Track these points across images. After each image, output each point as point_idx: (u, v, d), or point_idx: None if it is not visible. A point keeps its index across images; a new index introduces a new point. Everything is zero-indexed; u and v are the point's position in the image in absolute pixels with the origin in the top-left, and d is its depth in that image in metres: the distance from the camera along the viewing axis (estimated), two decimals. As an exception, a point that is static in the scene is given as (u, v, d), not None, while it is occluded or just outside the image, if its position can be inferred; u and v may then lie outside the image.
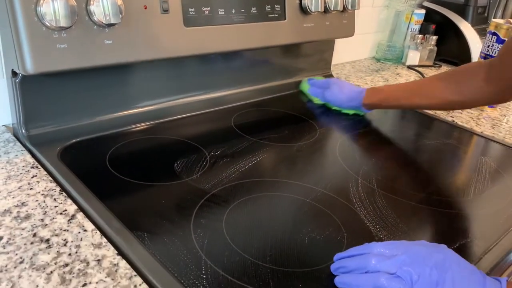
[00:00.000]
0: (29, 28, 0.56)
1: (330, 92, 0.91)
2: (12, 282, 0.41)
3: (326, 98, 0.93)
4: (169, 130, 0.76)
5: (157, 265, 0.45)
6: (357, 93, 0.88)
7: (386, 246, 0.45)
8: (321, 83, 0.95)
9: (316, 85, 0.96)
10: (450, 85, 0.77)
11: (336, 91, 0.90)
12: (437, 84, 0.79)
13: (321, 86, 0.95)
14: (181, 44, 0.71)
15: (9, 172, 0.59)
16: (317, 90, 0.95)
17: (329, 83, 0.93)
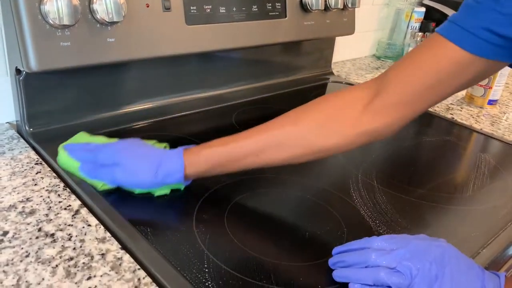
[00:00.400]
0: (33, 26, 0.56)
1: (120, 170, 0.54)
2: (18, 275, 0.42)
3: (118, 181, 0.55)
4: (171, 128, 0.77)
5: (160, 259, 0.46)
6: (172, 161, 0.54)
7: (386, 240, 0.45)
8: (97, 157, 0.56)
9: (87, 161, 0.57)
10: (316, 125, 0.54)
11: (131, 167, 0.54)
12: (297, 126, 0.54)
13: (97, 162, 0.56)
14: (183, 42, 0.72)
15: (14, 168, 0.59)
16: (95, 169, 0.56)
17: (109, 154, 0.56)
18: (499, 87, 1.03)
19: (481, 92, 1.04)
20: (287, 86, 1.03)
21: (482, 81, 1.03)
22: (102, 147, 0.58)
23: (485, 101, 1.04)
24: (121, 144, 0.58)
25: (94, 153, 0.57)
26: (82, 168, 0.57)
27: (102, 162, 0.56)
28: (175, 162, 0.54)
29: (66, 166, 0.58)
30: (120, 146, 0.58)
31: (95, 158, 0.56)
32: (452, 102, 1.06)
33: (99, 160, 0.56)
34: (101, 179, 0.55)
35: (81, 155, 0.58)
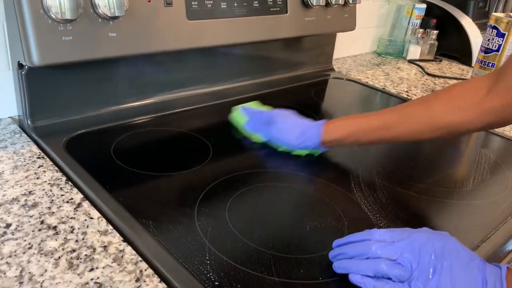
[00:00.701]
0: (35, 21, 0.57)
1: (275, 128, 0.69)
2: (21, 267, 0.42)
3: (271, 136, 0.70)
4: (173, 123, 0.77)
5: (162, 251, 0.46)
6: (312, 129, 0.67)
7: (387, 232, 0.46)
8: (262, 117, 0.72)
9: (254, 118, 0.73)
10: (443, 104, 0.60)
11: (284, 128, 0.69)
12: (425, 105, 0.62)
13: (261, 120, 0.72)
14: (184, 37, 0.72)
15: (16, 162, 0.60)
16: (257, 125, 0.72)
17: (271, 116, 0.71)
18: (499, 83, 1.03)
19: (481, 88, 1.04)
20: (288, 82, 1.03)
21: (483, 77, 1.03)
22: (267, 111, 0.74)
23: (485, 97, 1.04)
24: (280, 110, 0.73)
25: (260, 113, 0.73)
26: (248, 123, 0.73)
27: (265, 120, 0.71)
28: (315, 129, 0.66)
29: (235, 120, 0.75)
30: (279, 111, 0.73)
31: (260, 117, 0.72)
32: (452, 98, 1.06)
33: (263, 118, 0.71)
34: (259, 132, 0.71)
35: (250, 113, 0.74)
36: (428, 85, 1.14)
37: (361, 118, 0.65)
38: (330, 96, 1.02)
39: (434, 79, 1.20)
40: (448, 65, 1.35)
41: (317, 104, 0.95)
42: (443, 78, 1.21)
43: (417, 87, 1.11)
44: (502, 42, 0.98)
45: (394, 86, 1.10)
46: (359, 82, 1.11)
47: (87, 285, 0.41)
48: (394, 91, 1.07)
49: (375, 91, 1.07)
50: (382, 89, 1.07)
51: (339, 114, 0.91)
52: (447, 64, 1.37)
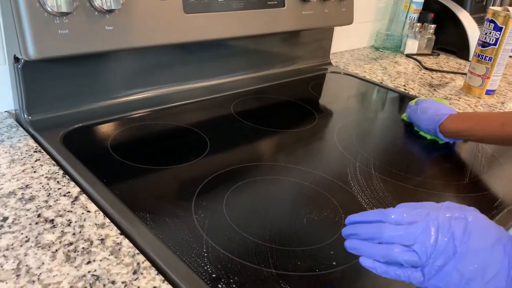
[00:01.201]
0: (31, 14, 0.56)
1: (414, 112, 0.82)
2: (18, 260, 0.42)
3: (411, 117, 0.83)
4: (170, 117, 0.77)
5: (159, 244, 0.46)
6: (436, 116, 0.76)
7: (403, 212, 0.42)
8: (417, 103, 0.84)
9: (412, 105, 0.86)
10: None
11: (419, 111, 0.81)
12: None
13: (414, 105, 0.85)
14: (181, 30, 0.72)
15: (13, 156, 0.60)
16: (409, 109, 0.85)
17: (418, 102, 0.84)
18: (497, 77, 1.03)
19: (479, 82, 1.04)
20: (285, 76, 1.03)
21: (480, 71, 1.03)
22: (419, 99, 0.84)
23: (482, 91, 1.04)
24: (427, 100, 0.82)
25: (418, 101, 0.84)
26: (407, 108, 0.86)
27: (414, 106, 0.83)
28: (439, 116, 0.75)
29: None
30: (426, 100, 0.82)
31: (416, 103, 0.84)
32: (450, 93, 1.06)
33: (414, 104, 0.85)
34: (407, 114, 0.85)
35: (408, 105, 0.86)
36: (426, 79, 1.14)
37: (486, 116, 0.73)
38: (328, 90, 1.02)
39: (431, 73, 1.20)
40: (445, 59, 1.35)
41: (315, 98, 0.95)
42: (440, 72, 1.21)
43: (415, 81, 1.11)
44: (499, 36, 0.97)
45: (391, 80, 1.10)
46: (356, 76, 1.11)
47: (84, 277, 0.41)
48: (392, 85, 1.07)
49: (372, 85, 1.07)
50: (380, 83, 1.07)
51: (337, 108, 0.91)
52: (445, 58, 1.37)
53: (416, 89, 1.06)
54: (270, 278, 0.44)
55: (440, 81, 1.14)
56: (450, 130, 0.74)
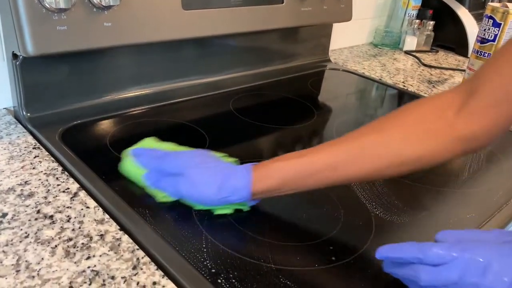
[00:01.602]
0: (29, 10, 0.56)
1: (185, 181, 0.50)
2: (18, 255, 0.42)
3: (180, 193, 0.51)
4: (168, 113, 0.77)
5: (159, 239, 0.46)
6: (237, 177, 0.49)
7: (444, 249, 0.36)
8: (164, 165, 0.52)
9: (152, 166, 0.53)
10: (403, 132, 0.47)
11: (196, 179, 0.50)
12: (380, 135, 0.48)
13: (165, 170, 0.52)
14: (179, 27, 0.72)
15: (12, 152, 0.60)
16: (160, 179, 0.52)
17: (177, 164, 0.51)
18: (495, 73, 1.03)
19: (477, 79, 1.04)
20: (284, 73, 1.03)
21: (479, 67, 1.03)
22: (170, 155, 0.53)
23: (481, 87, 1.04)
24: (189, 153, 0.54)
25: (160, 160, 0.52)
26: (147, 176, 0.52)
27: (168, 170, 0.51)
28: (242, 176, 0.48)
29: (129, 173, 0.55)
30: (187, 155, 0.53)
31: (161, 166, 0.52)
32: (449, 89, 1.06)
33: (165, 168, 0.51)
34: (164, 189, 0.52)
35: (147, 162, 0.53)
36: (425, 76, 1.14)
37: (299, 159, 0.49)
38: (327, 87, 1.02)
39: (430, 70, 1.20)
40: (444, 56, 1.35)
41: (314, 94, 0.95)
42: (439, 69, 1.22)
43: (414, 78, 1.11)
44: (498, 32, 0.98)
45: (390, 77, 1.10)
46: (355, 73, 1.11)
47: (84, 273, 0.41)
48: (391, 81, 1.07)
49: (371, 82, 1.07)
50: (379, 80, 1.07)
51: (336, 104, 0.91)
52: (444, 55, 1.37)
53: (415, 85, 1.06)
54: (269, 273, 0.44)
55: (439, 78, 1.14)
56: (264, 190, 0.49)
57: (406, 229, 0.53)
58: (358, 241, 0.50)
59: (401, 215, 0.55)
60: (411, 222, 0.55)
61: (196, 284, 0.41)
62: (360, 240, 0.50)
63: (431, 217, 0.56)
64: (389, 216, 0.55)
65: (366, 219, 0.54)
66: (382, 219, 0.54)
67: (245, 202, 0.51)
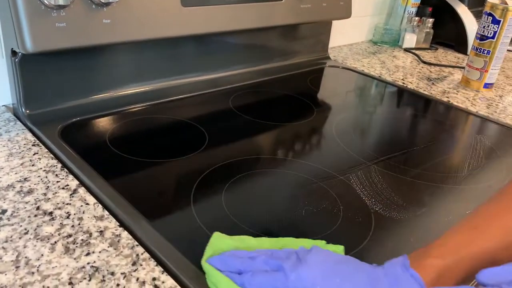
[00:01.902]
0: (28, 7, 0.56)
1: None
2: (17, 252, 0.42)
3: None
4: (168, 111, 0.77)
5: (158, 235, 0.46)
6: (399, 279, 0.35)
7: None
8: (290, 282, 0.36)
9: (268, 284, 0.37)
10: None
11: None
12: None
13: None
14: (179, 24, 0.72)
15: (11, 149, 0.59)
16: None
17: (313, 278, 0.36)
18: (495, 70, 1.03)
19: (477, 76, 1.04)
20: (283, 70, 1.03)
21: (478, 64, 1.03)
22: (281, 269, 0.37)
23: (481, 84, 1.04)
24: (314, 260, 0.37)
25: (277, 278, 0.36)
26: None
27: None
28: (404, 276, 0.35)
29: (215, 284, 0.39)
30: (321, 262, 0.37)
31: (283, 284, 0.36)
32: (448, 86, 1.06)
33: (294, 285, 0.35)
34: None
35: (256, 280, 0.37)
36: (424, 73, 1.14)
37: (471, 243, 0.38)
38: (326, 84, 1.02)
39: (429, 67, 1.20)
40: (443, 53, 1.35)
41: (313, 92, 0.95)
42: (438, 66, 1.21)
43: (413, 75, 1.11)
44: (497, 29, 0.97)
45: (390, 74, 1.10)
46: (355, 70, 1.11)
47: (84, 269, 0.41)
48: (390, 79, 1.07)
49: (371, 79, 1.07)
50: (378, 77, 1.07)
51: (335, 102, 0.91)
52: (443, 52, 1.37)
53: (414, 83, 1.06)
54: (269, 269, 0.44)
55: (438, 75, 1.14)
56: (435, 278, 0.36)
57: (406, 226, 0.53)
58: (358, 237, 0.50)
59: (401, 212, 0.56)
60: (410, 219, 0.55)
61: (196, 280, 0.41)
62: (359, 236, 0.50)
63: (431, 214, 0.56)
64: (388, 213, 0.55)
65: (365, 215, 0.54)
66: (382, 216, 0.54)
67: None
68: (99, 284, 0.40)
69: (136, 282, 0.40)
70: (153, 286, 0.40)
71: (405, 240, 0.51)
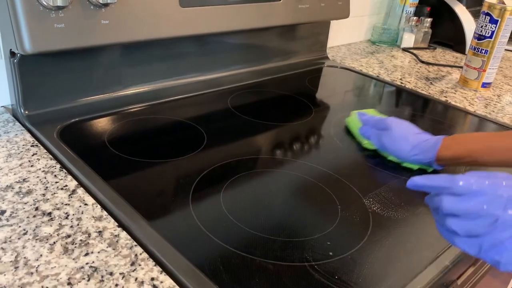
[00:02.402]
0: (27, 8, 0.56)
1: (388, 136, 0.66)
2: (16, 252, 0.43)
3: (382, 143, 0.67)
4: (166, 111, 0.77)
5: (157, 235, 0.46)
6: (428, 142, 0.62)
7: (474, 180, 0.37)
8: (376, 122, 0.69)
9: (369, 123, 0.71)
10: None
11: (397, 136, 0.65)
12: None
13: (375, 125, 0.69)
14: (177, 24, 0.72)
15: (10, 150, 0.60)
16: (370, 131, 0.70)
17: (386, 123, 0.67)
18: (493, 70, 1.03)
19: (475, 75, 1.04)
20: (282, 70, 1.03)
21: (476, 64, 1.03)
22: (383, 118, 0.69)
23: (479, 84, 1.05)
24: (397, 119, 0.68)
25: (375, 120, 0.70)
26: (362, 128, 0.71)
27: (379, 127, 0.68)
28: (432, 142, 0.61)
29: (351, 124, 0.75)
30: (396, 120, 0.67)
31: (375, 123, 0.69)
32: (446, 86, 1.06)
33: (377, 125, 0.68)
34: (371, 139, 0.69)
35: (365, 119, 0.72)
36: (422, 72, 1.15)
37: (487, 136, 0.59)
38: (325, 84, 1.02)
39: (428, 67, 1.20)
40: (442, 53, 1.35)
41: (312, 92, 0.95)
42: (437, 65, 1.22)
43: (411, 75, 1.12)
44: (495, 29, 0.98)
45: (388, 74, 1.10)
46: (353, 70, 1.11)
47: (82, 269, 0.41)
48: (388, 78, 1.07)
49: (369, 79, 1.07)
50: (376, 77, 1.08)
51: (334, 101, 0.91)
52: (441, 52, 1.37)
53: (412, 82, 1.06)
54: (266, 269, 0.44)
55: (436, 75, 1.14)
56: (448, 157, 0.60)
57: (403, 225, 0.54)
58: (356, 236, 0.50)
59: (398, 211, 0.56)
60: (408, 218, 0.55)
61: (194, 279, 0.41)
62: (357, 235, 0.51)
63: (428, 213, 0.57)
64: (386, 212, 0.55)
65: (363, 214, 0.54)
66: (380, 215, 0.54)
67: (430, 164, 0.64)
68: (97, 284, 0.40)
69: (135, 282, 0.40)
70: (151, 286, 0.40)
71: (403, 239, 0.52)
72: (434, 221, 0.55)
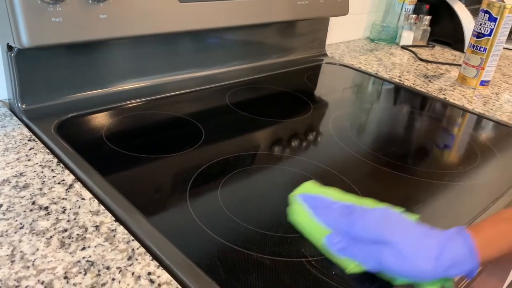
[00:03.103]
0: (24, 2, 0.56)
1: (390, 251, 0.40)
2: (13, 246, 0.42)
3: (384, 264, 0.41)
4: (164, 107, 0.77)
5: (154, 230, 0.46)
6: (457, 245, 0.40)
7: None
8: (357, 226, 0.43)
9: (339, 226, 0.44)
10: None
11: (409, 252, 0.40)
12: None
13: (356, 231, 0.43)
14: (176, 19, 0.72)
15: (7, 144, 0.59)
16: (351, 244, 0.43)
17: (378, 225, 0.42)
18: (491, 68, 1.03)
19: (473, 73, 1.04)
20: (280, 67, 1.03)
21: (475, 62, 1.03)
22: (356, 214, 0.43)
23: (477, 82, 1.05)
24: (379, 213, 0.43)
25: (349, 222, 0.43)
26: (332, 239, 0.44)
27: (363, 235, 0.42)
28: (462, 244, 0.40)
29: (306, 228, 0.47)
30: (378, 216, 0.43)
31: (353, 230, 0.42)
32: (445, 83, 1.06)
33: (358, 233, 0.42)
34: (358, 259, 0.42)
35: (329, 220, 0.44)
36: (421, 70, 1.14)
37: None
38: (323, 81, 1.02)
39: (426, 65, 1.20)
40: (440, 51, 1.35)
41: (311, 89, 0.95)
42: (435, 63, 1.22)
43: (410, 73, 1.11)
44: (494, 27, 0.98)
45: (386, 71, 1.10)
46: (352, 67, 1.11)
47: (79, 263, 0.41)
48: (387, 76, 1.07)
49: (368, 76, 1.07)
50: (375, 74, 1.08)
51: (332, 98, 0.91)
52: (440, 49, 1.37)
53: (411, 80, 1.06)
54: (263, 264, 0.44)
55: (435, 72, 1.14)
56: (490, 258, 0.41)
57: (401, 221, 0.53)
58: (353, 232, 0.50)
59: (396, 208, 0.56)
60: (405, 214, 0.55)
61: (191, 274, 0.41)
62: (355, 231, 0.50)
63: (426, 210, 0.57)
64: (384, 208, 0.55)
65: (361, 211, 0.54)
66: (377, 211, 0.54)
67: (450, 279, 0.41)
68: (94, 279, 0.40)
69: (132, 277, 0.40)
70: (148, 280, 0.40)
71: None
72: (430, 218, 0.55)
